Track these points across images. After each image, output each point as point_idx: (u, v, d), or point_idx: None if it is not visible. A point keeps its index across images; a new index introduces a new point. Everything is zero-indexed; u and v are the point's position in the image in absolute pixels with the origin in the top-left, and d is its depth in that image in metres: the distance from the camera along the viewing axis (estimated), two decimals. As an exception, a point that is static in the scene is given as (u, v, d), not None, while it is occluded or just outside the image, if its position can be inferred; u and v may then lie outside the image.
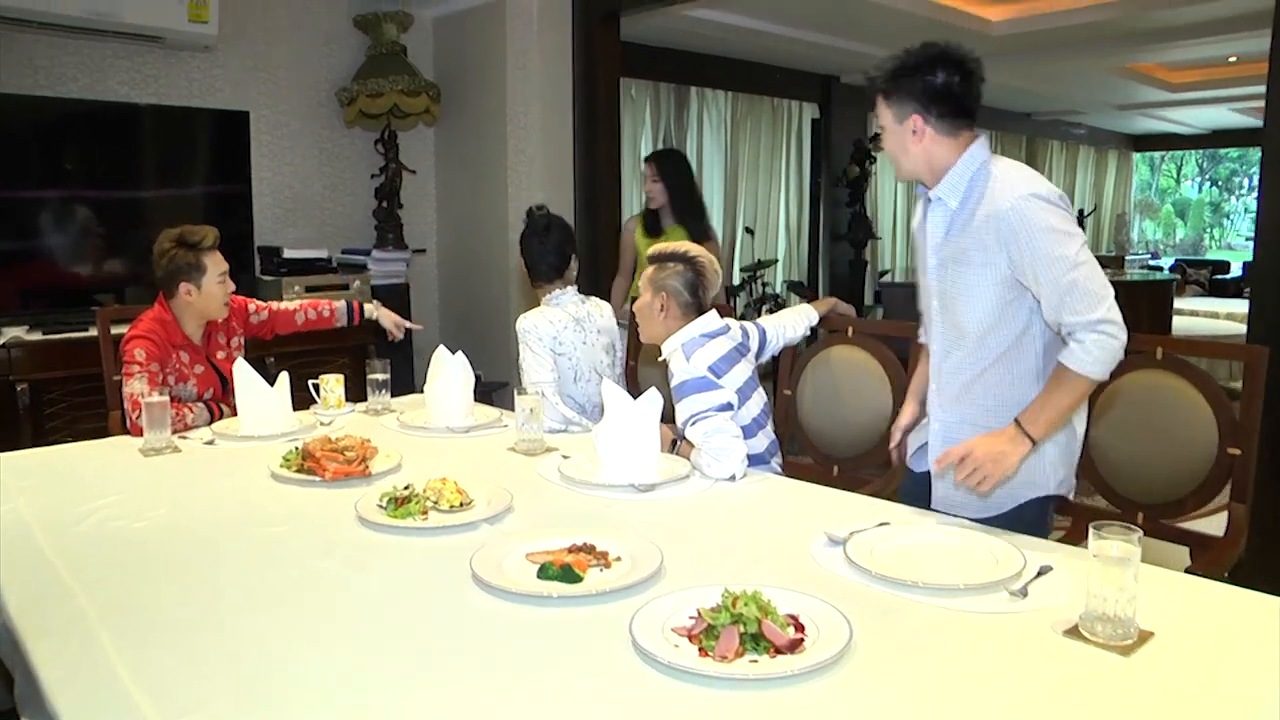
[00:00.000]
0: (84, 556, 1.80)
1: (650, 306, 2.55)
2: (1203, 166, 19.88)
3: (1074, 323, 1.88)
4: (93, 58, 4.45)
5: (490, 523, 1.96)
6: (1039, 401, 1.96)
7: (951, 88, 2.01)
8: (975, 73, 2.03)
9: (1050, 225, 1.91)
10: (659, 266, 2.56)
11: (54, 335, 3.87)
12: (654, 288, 2.54)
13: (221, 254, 2.97)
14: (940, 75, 2.01)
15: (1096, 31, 7.11)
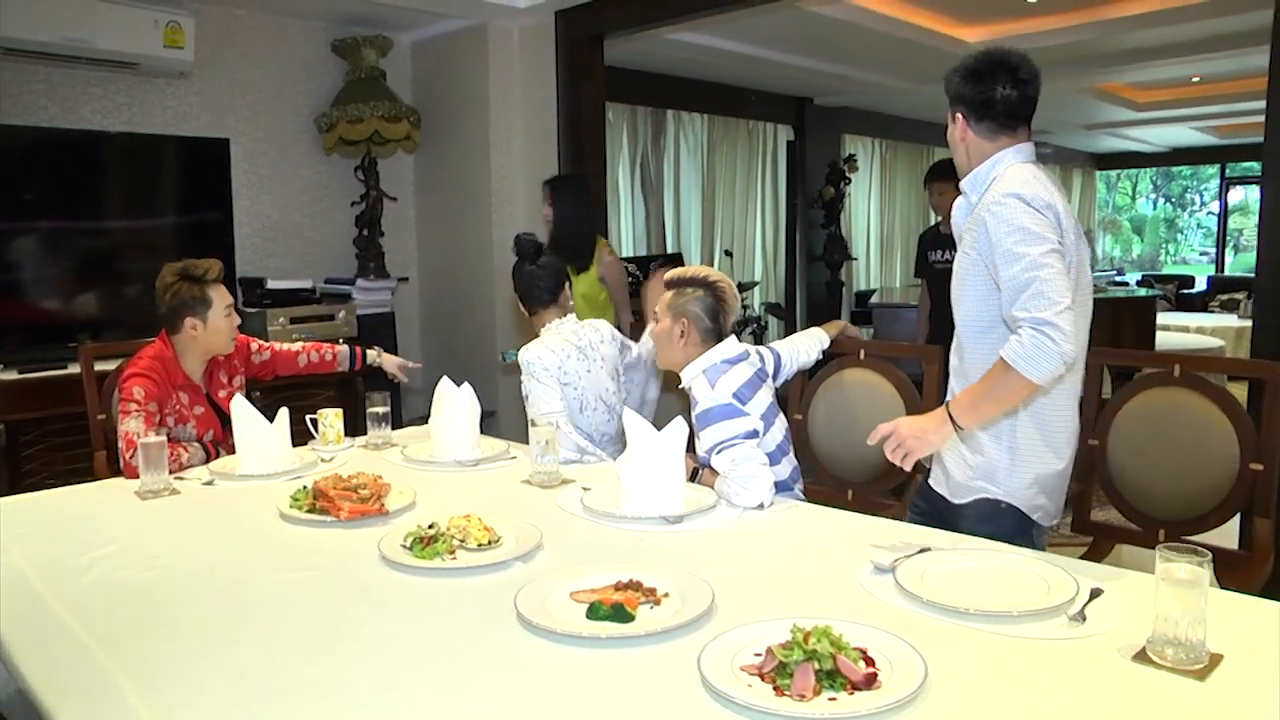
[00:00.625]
0: (95, 610, 1.68)
1: (670, 333, 2.48)
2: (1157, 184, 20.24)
3: (1020, 318, 1.89)
4: (64, 85, 4.33)
5: (523, 561, 1.88)
6: (970, 390, 2.00)
7: (993, 97, 2.06)
8: (1029, 83, 2.07)
9: (1022, 225, 1.93)
10: (678, 292, 2.50)
11: (30, 374, 3.72)
12: (673, 313, 2.47)
13: (225, 286, 2.88)
14: (989, 85, 2.07)
15: (1069, 52, 7.19)
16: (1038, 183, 2.02)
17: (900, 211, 10.78)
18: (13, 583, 1.83)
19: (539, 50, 5.04)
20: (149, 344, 2.88)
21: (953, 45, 6.98)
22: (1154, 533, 2.65)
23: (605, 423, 2.91)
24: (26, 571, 1.88)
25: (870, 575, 1.77)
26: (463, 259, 5.36)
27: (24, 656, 1.50)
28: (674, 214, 7.87)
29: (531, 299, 2.94)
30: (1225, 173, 14.85)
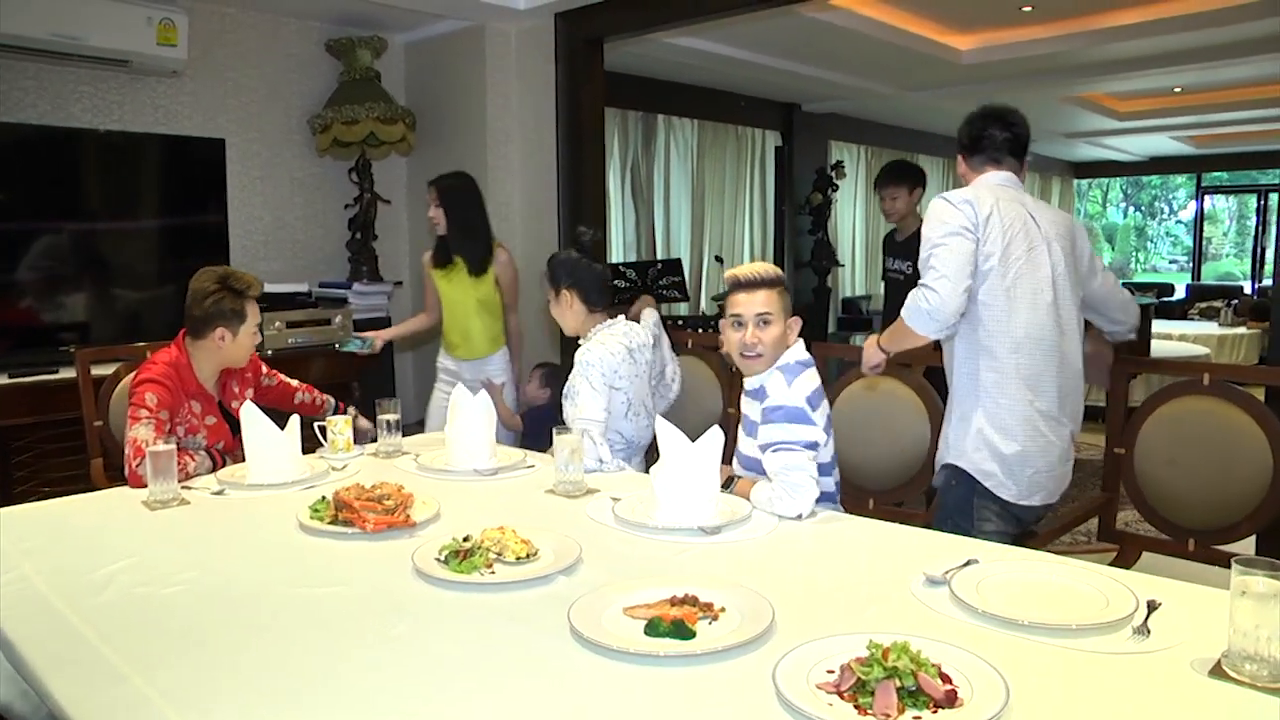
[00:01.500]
0: (121, 630, 1.59)
1: (783, 336, 2.40)
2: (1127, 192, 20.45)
3: (918, 282, 2.41)
4: (54, 82, 4.21)
5: (565, 574, 1.81)
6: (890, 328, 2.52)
7: (982, 136, 2.58)
8: (1015, 125, 2.59)
9: (938, 215, 2.43)
10: (782, 290, 2.42)
11: (22, 379, 3.60)
12: (785, 313, 2.40)
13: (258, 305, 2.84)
14: (981, 127, 2.59)
15: (1055, 62, 7.23)
16: (976, 189, 2.49)
17: (885, 219, 10.79)
18: (30, 600, 1.74)
19: (537, 53, 4.97)
20: (162, 348, 2.79)
21: (943, 53, 7.00)
22: (1184, 541, 2.63)
23: (645, 428, 2.86)
24: (42, 588, 1.79)
25: (923, 587, 1.73)
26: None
27: (55, 681, 1.41)
28: (664, 219, 7.82)
29: (594, 300, 2.85)
30: (1201, 182, 14.97)
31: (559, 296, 2.86)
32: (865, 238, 10.39)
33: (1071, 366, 2.49)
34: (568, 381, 2.79)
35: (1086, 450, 6.53)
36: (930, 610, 1.63)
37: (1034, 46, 6.84)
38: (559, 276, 2.84)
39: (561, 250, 2.88)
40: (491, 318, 3.87)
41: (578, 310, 2.86)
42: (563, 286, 2.84)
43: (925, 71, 7.39)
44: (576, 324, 2.89)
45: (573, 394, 2.74)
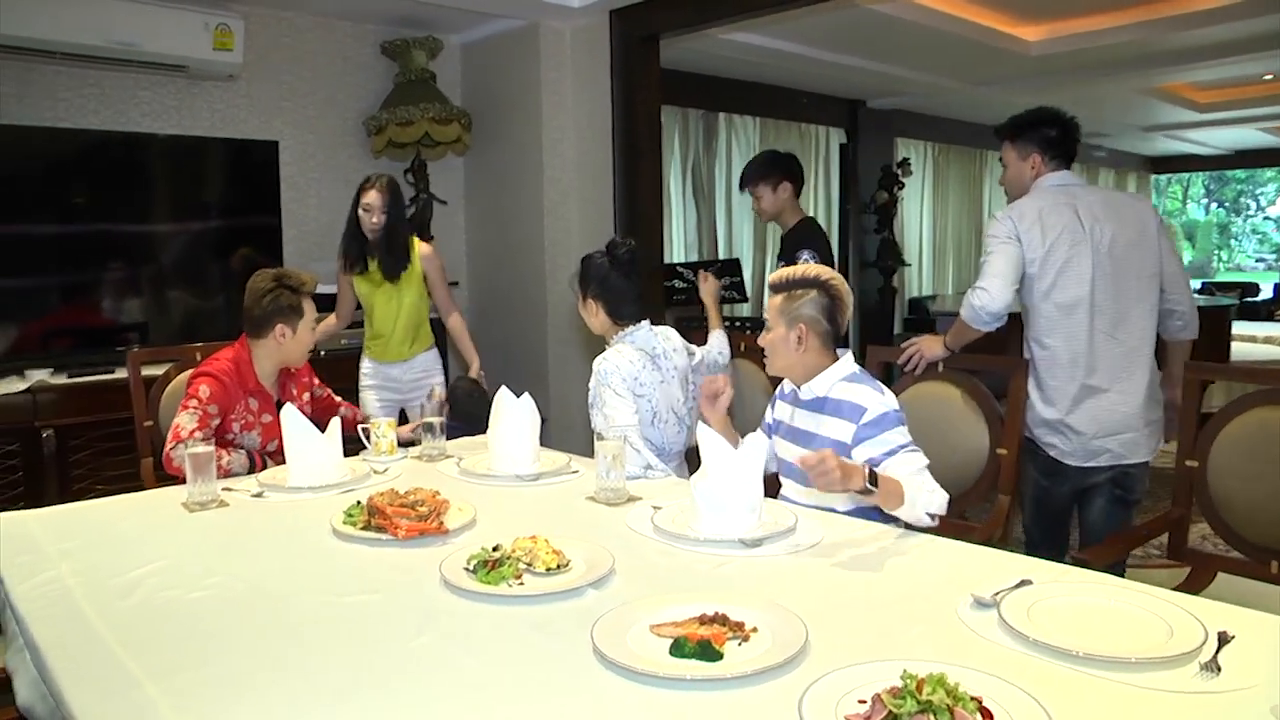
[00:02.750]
0: (142, 636, 1.57)
1: (785, 341, 2.28)
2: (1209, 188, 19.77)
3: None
4: (114, 89, 4.28)
5: (595, 587, 1.74)
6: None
7: (1053, 139, 2.91)
8: (1071, 128, 2.95)
9: (992, 226, 2.87)
10: (788, 296, 2.29)
11: (81, 379, 3.66)
12: (787, 319, 2.27)
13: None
14: (1051, 130, 2.92)
15: (1130, 50, 6.96)
16: (1023, 202, 2.87)
17: (953, 216, 10.54)
18: (59, 601, 1.73)
19: (592, 51, 4.92)
20: (221, 348, 2.86)
21: (1011, 44, 6.78)
22: (1264, 563, 2.46)
23: (675, 435, 2.77)
24: (74, 590, 1.78)
25: (971, 610, 1.61)
26: (514, 263, 5.25)
27: (70, 685, 1.39)
28: (725, 219, 7.72)
29: (621, 314, 2.77)
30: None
31: (585, 303, 2.81)
32: (933, 237, 10.16)
33: (1125, 344, 2.80)
34: (590, 391, 2.72)
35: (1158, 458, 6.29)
36: (976, 636, 1.52)
37: (1107, 35, 6.58)
38: (587, 283, 2.78)
39: (597, 254, 2.79)
40: (418, 327, 3.82)
41: (602, 319, 2.80)
42: (589, 295, 2.78)
43: (992, 64, 7.18)
44: (599, 329, 2.84)
45: (598, 403, 2.67)
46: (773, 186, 3.76)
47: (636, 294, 2.78)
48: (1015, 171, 2.98)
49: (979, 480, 2.80)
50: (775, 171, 3.78)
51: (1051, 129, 2.89)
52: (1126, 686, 1.33)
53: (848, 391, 2.26)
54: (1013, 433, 2.75)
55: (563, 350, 5.07)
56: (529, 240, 5.10)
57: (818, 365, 2.31)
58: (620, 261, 2.75)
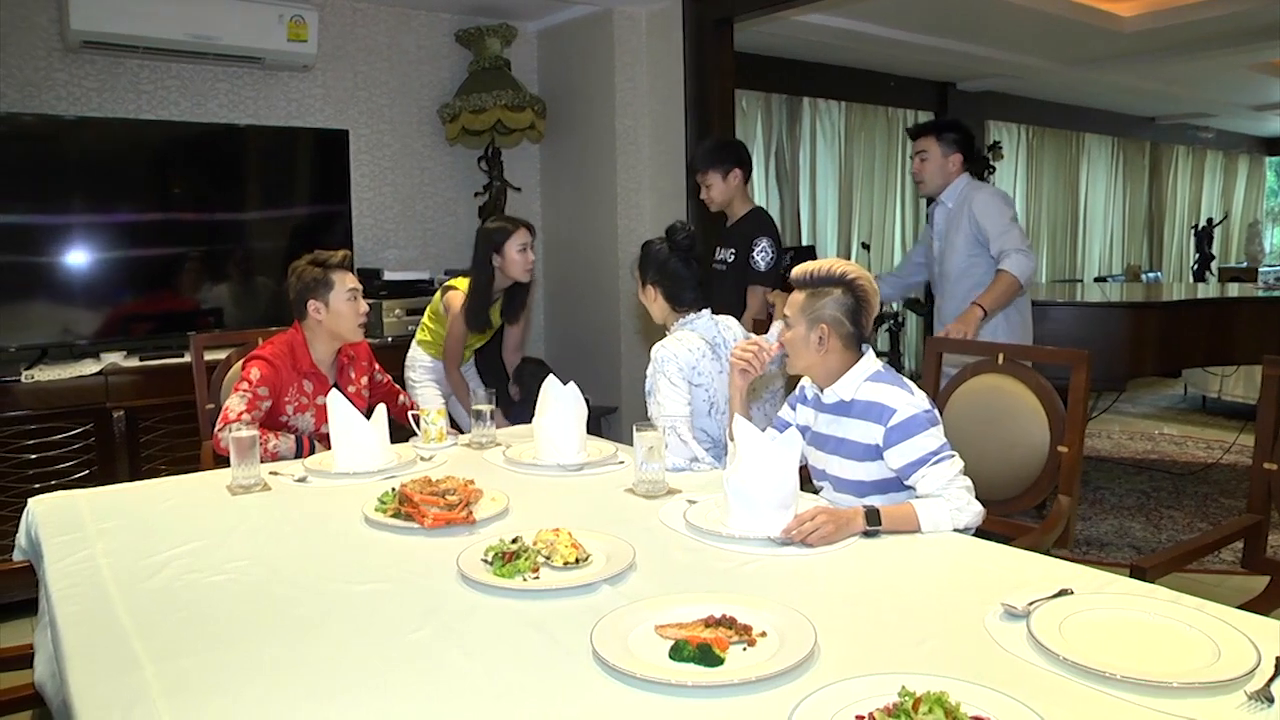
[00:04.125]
0: (154, 617, 1.58)
1: (806, 340, 2.17)
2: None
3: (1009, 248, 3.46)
4: (193, 81, 4.40)
5: (610, 584, 1.69)
6: (986, 295, 3.42)
7: (972, 148, 3.72)
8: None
9: (1004, 200, 3.59)
10: (811, 294, 2.17)
11: (151, 361, 3.77)
12: (808, 319, 2.16)
13: (353, 274, 2.90)
14: (971, 141, 3.73)
15: (1236, 24, 6.56)
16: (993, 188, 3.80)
17: (1048, 201, 10.17)
18: (86, 580, 1.76)
19: (666, 36, 4.85)
20: (283, 331, 2.92)
21: (1106, 22, 6.48)
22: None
23: None
24: (103, 569, 1.81)
25: (1000, 620, 1.52)
26: (587, 251, 5.23)
27: (75, 665, 1.41)
28: (809, 205, 7.58)
29: (680, 301, 2.71)
30: None
31: (644, 289, 2.75)
32: (1026, 222, 9.82)
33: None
34: (647, 378, 2.67)
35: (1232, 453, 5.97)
36: (999, 649, 1.42)
37: (1208, 9, 6.21)
38: (646, 270, 2.72)
39: (656, 240, 2.73)
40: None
41: (661, 305, 2.74)
42: (648, 281, 2.73)
43: (1085, 43, 6.88)
44: (660, 317, 2.79)
45: (653, 391, 2.62)
46: (723, 174, 3.67)
47: (696, 281, 2.72)
48: (938, 165, 3.61)
49: (1038, 478, 2.67)
50: (727, 158, 3.69)
51: (971, 141, 3.70)
52: (1162, 715, 1.22)
53: (874, 392, 2.15)
54: (1075, 429, 2.61)
55: (635, 339, 5.03)
56: (602, 228, 5.08)
57: (840, 366, 2.20)
58: (680, 247, 2.68)
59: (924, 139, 3.64)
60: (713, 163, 3.64)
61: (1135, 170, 11.68)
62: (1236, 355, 4.90)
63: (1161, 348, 4.42)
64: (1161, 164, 12.11)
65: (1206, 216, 12.20)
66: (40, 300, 3.79)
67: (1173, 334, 4.57)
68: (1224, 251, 12.75)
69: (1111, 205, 11.32)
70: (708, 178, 3.67)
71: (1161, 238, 12.32)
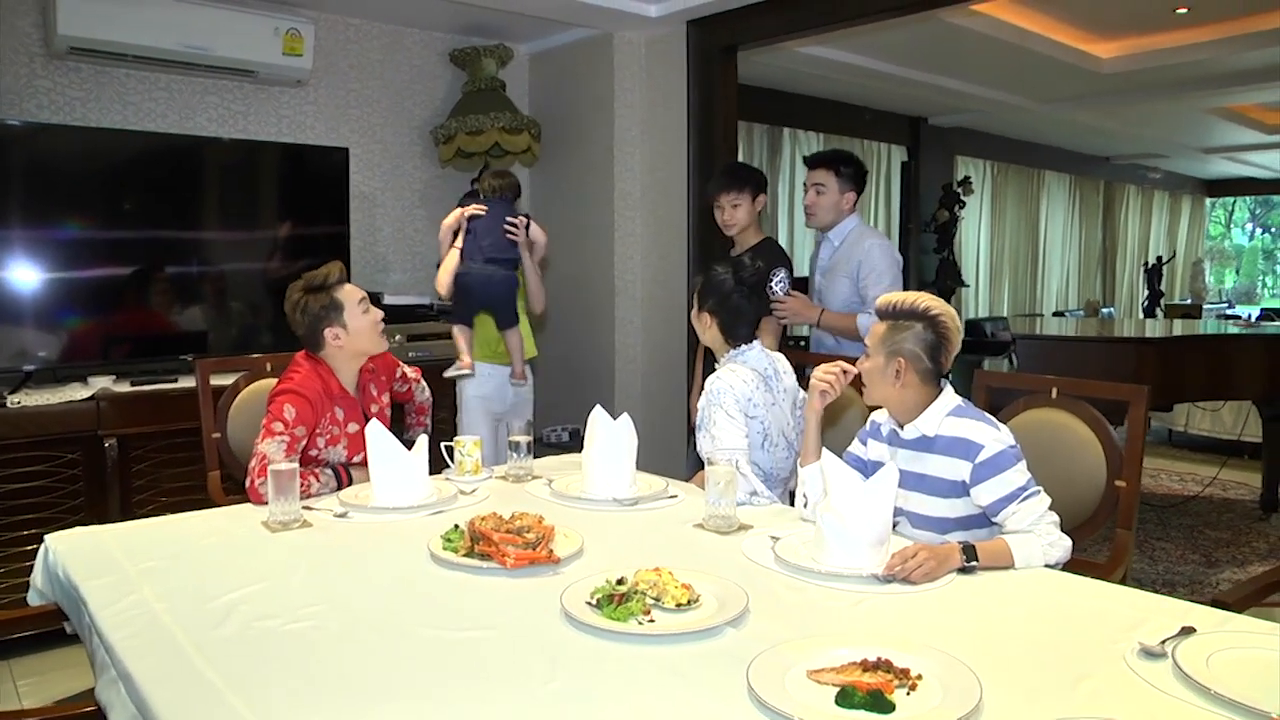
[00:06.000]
0: (243, 670, 1.43)
1: (882, 372, 2.12)
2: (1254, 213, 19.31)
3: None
4: (182, 92, 4.21)
5: (734, 626, 1.58)
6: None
7: (863, 188, 3.59)
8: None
9: (893, 253, 3.48)
10: (891, 326, 2.12)
11: (144, 387, 3.54)
12: (887, 351, 2.10)
13: (353, 285, 2.69)
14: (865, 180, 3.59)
15: (1202, 69, 6.78)
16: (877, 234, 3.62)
17: (1010, 236, 10.33)
18: (149, 628, 1.60)
19: (667, 63, 4.78)
20: (299, 355, 2.66)
21: (1083, 61, 6.61)
22: None
23: (784, 460, 2.62)
24: (163, 616, 1.64)
25: (1139, 658, 1.48)
26: (582, 277, 5.10)
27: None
28: (788, 235, 7.57)
29: (736, 335, 2.63)
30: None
31: (700, 315, 2.66)
32: (989, 258, 9.95)
33: None
34: (700, 412, 2.58)
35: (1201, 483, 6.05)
36: (1151, 688, 1.39)
37: (1183, 53, 6.39)
38: (706, 297, 2.64)
39: (723, 269, 2.65)
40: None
41: (715, 335, 2.66)
42: (706, 309, 2.64)
43: (1063, 82, 7.01)
44: (710, 343, 2.72)
45: (707, 424, 2.52)
46: (752, 197, 3.54)
47: (755, 318, 2.67)
48: (834, 200, 3.46)
49: (1095, 513, 2.61)
50: (754, 182, 3.58)
51: (864, 180, 3.57)
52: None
53: (959, 428, 2.09)
54: (1133, 464, 2.57)
55: (629, 368, 4.92)
56: (597, 255, 4.97)
57: (918, 402, 2.13)
58: (744, 283, 2.61)
59: (822, 171, 3.48)
60: (744, 184, 3.52)
61: (1090, 208, 11.96)
62: (1235, 391, 4.95)
63: (1162, 383, 4.42)
64: (1115, 202, 12.42)
65: (1156, 254, 12.53)
66: (18, 319, 3.54)
67: (1171, 369, 4.59)
68: (1171, 289, 13.09)
69: (1069, 241, 11.55)
70: (739, 199, 3.51)
71: (1114, 274, 12.61)
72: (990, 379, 2.90)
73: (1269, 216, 19.25)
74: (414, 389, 3.04)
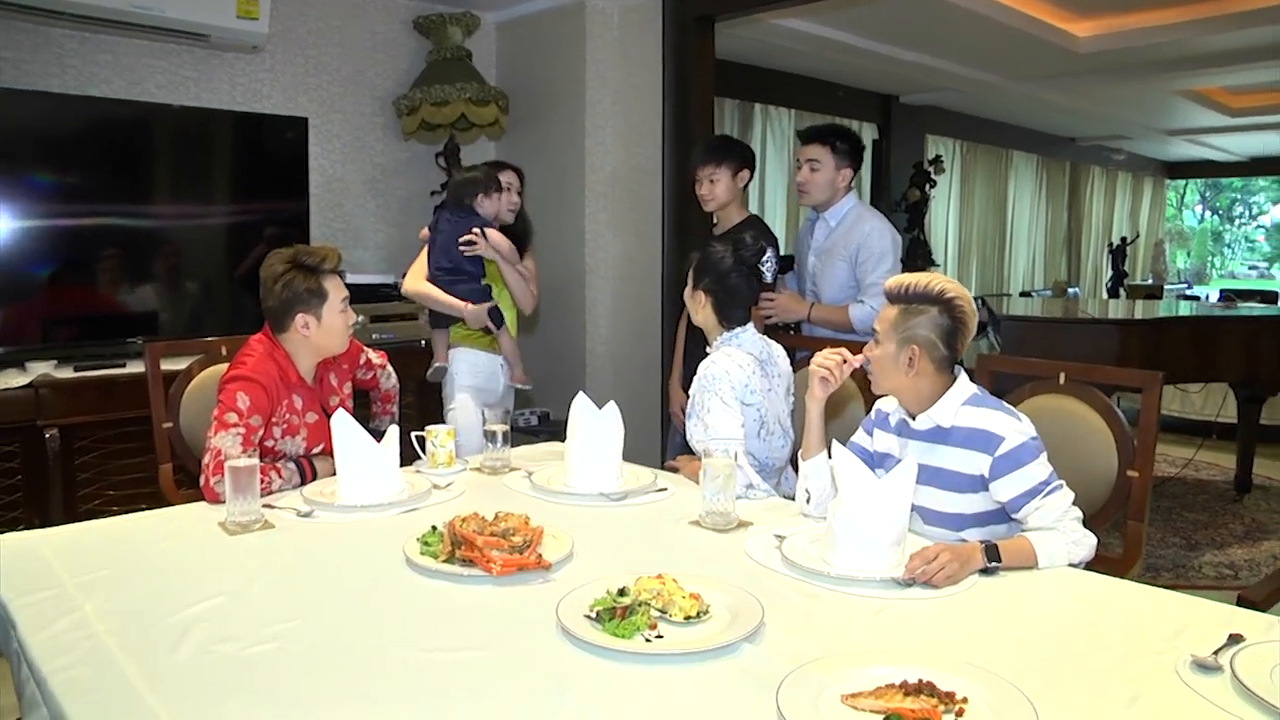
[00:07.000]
0: (201, 706, 1.25)
1: (895, 360, 1.97)
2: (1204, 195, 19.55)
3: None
4: (128, 56, 3.93)
5: (750, 642, 1.43)
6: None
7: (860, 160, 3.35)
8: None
9: (893, 238, 3.27)
10: (905, 310, 1.97)
11: (88, 373, 3.30)
12: (899, 337, 1.96)
13: (341, 278, 2.46)
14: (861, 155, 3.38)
15: (1174, 50, 6.73)
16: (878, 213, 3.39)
17: (979, 215, 10.27)
18: (90, 657, 1.40)
19: (642, 33, 4.59)
20: (254, 337, 2.44)
21: (1061, 39, 6.51)
22: None
23: (780, 449, 2.47)
24: (105, 639, 1.45)
25: (1194, 672, 1.36)
26: (551, 255, 4.89)
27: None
28: (758, 211, 7.42)
29: (732, 317, 2.47)
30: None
31: (695, 293, 2.49)
32: (958, 237, 9.89)
33: None
34: (692, 399, 2.42)
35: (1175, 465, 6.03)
36: (1211, 706, 1.27)
37: (1158, 34, 6.33)
38: (702, 275, 2.47)
39: (721, 248, 2.48)
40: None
41: (709, 315, 2.49)
42: (701, 287, 2.47)
43: (1038, 60, 6.91)
44: (702, 324, 2.54)
45: (699, 412, 2.36)
46: (734, 171, 3.35)
47: (753, 300, 2.53)
48: (829, 177, 3.25)
49: (1106, 504, 2.50)
50: (737, 155, 3.39)
51: (861, 155, 3.37)
52: None
53: (976, 418, 1.95)
54: (1145, 453, 2.45)
55: (601, 350, 4.75)
56: (567, 233, 4.77)
57: (933, 391, 1.99)
58: (745, 263, 2.45)
59: (816, 146, 3.26)
60: (724, 157, 3.32)
61: (1057, 189, 11.95)
62: (1216, 373, 4.89)
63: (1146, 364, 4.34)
64: (1080, 183, 12.43)
65: (1120, 235, 12.57)
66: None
67: (1155, 351, 4.51)
68: (1133, 270, 13.16)
69: (1035, 222, 11.53)
70: (716, 172, 3.33)
71: (1079, 254, 12.64)
72: (993, 363, 2.76)
73: (1218, 199, 19.50)
74: (379, 375, 2.84)
